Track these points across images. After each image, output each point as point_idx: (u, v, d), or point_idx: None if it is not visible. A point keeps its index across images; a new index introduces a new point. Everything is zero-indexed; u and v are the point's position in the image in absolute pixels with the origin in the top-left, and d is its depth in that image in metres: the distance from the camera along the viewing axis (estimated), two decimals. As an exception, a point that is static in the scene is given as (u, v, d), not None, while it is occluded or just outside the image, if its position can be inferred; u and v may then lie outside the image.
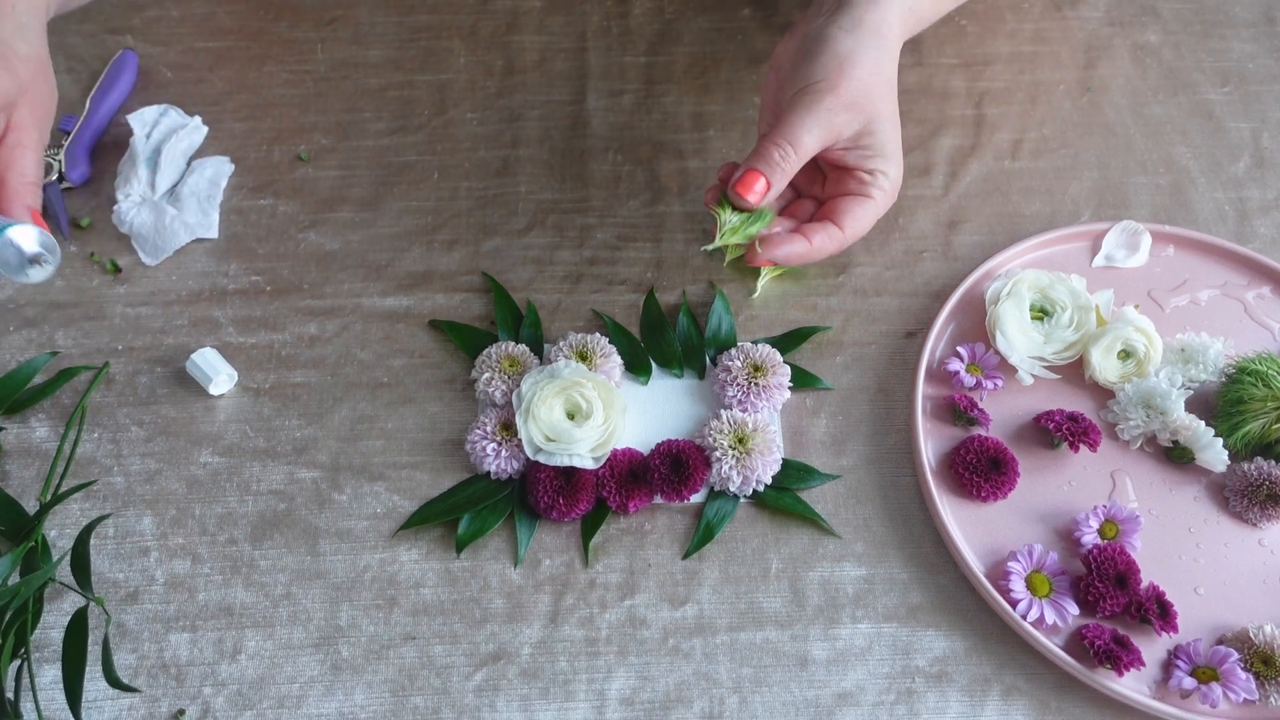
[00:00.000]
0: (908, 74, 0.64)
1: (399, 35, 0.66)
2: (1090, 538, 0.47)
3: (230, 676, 0.45)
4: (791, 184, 0.53)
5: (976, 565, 0.47)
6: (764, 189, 0.49)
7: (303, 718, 0.44)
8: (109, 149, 0.60)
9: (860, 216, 0.50)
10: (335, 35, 0.66)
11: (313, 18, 0.67)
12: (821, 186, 0.53)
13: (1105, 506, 0.48)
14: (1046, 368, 0.52)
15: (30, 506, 0.48)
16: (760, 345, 0.52)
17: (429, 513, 0.49)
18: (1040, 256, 0.56)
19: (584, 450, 0.48)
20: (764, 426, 0.49)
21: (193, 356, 0.52)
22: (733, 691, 0.45)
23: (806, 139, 0.48)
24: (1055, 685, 0.45)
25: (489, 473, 0.49)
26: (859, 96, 0.48)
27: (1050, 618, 0.45)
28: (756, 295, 0.56)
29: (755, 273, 0.56)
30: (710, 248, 0.49)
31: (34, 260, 0.45)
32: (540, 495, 0.48)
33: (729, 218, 0.49)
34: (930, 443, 0.50)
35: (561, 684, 0.45)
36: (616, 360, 0.52)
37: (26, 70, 0.47)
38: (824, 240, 0.50)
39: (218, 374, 0.51)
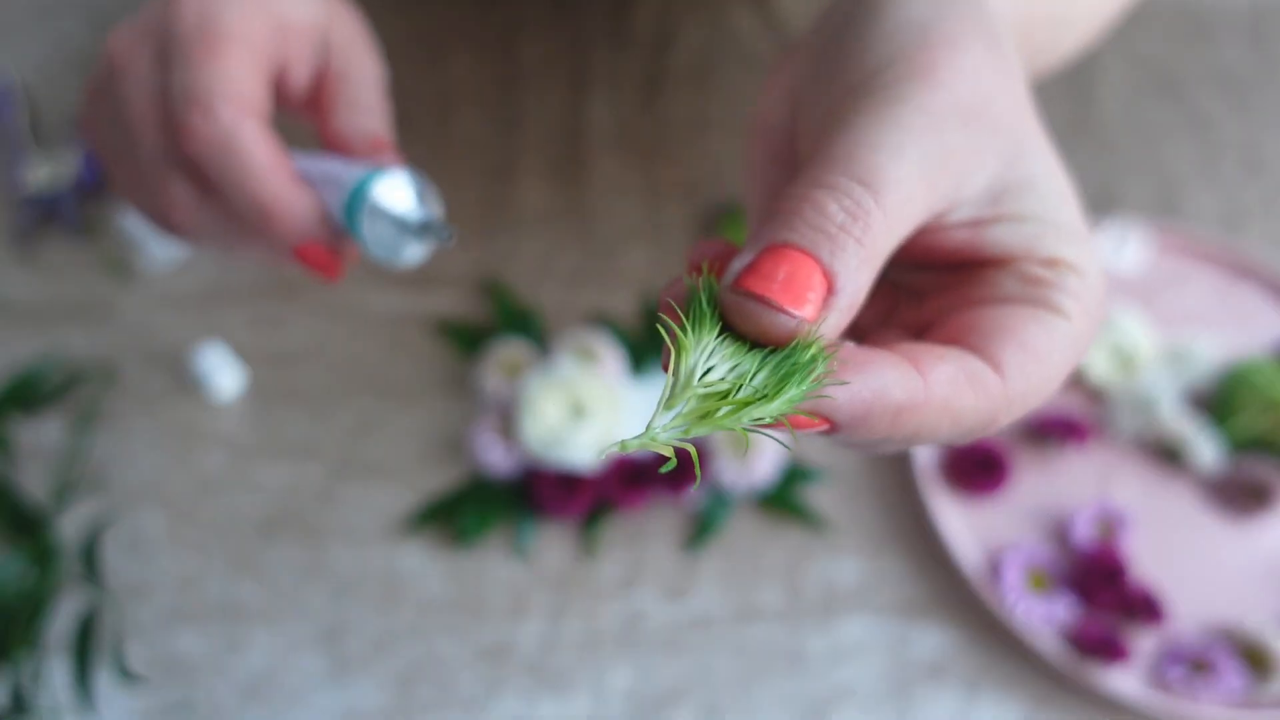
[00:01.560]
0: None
1: (400, 39, 0.67)
2: (1083, 535, 0.48)
3: (237, 671, 0.46)
4: None
5: (971, 561, 0.48)
6: (822, 294, 0.20)
7: (308, 711, 0.45)
8: (118, 153, 0.61)
9: (1039, 347, 0.23)
10: (340, 41, 0.67)
11: (318, 24, 0.67)
12: (914, 309, 0.25)
13: (1098, 504, 0.49)
14: (1040, 367, 0.53)
15: (42, 506, 0.49)
16: (758, 345, 0.53)
17: (433, 510, 0.50)
18: (1034, 258, 0.57)
19: (585, 448, 0.49)
20: (762, 425, 0.50)
21: (201, 357, 0.53)
22: (731, 684, 0.46)
23: (896, 173, 0.22)
24: (1049, 680, 0.46)
25: (491, 471, 0.50)
26: (984, 99, 0.23)
27: (1044, 613, 0.46)
28: (754, 296, 0.56)
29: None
30: (626, 448, 0.17)
31: (411, 226, 0.28)
32: (542, 493, 0.49)
33: (701, 360, 0.19)
34: (925, 441, 0.51)
35: (563, 677, 0.46)
36: (617, 359, 0.53)
37: None
38: (958, 386, 0.21)
39: (226, 374, 0.52)
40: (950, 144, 0.22)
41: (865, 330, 0.25)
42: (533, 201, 0.60)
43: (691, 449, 0.19)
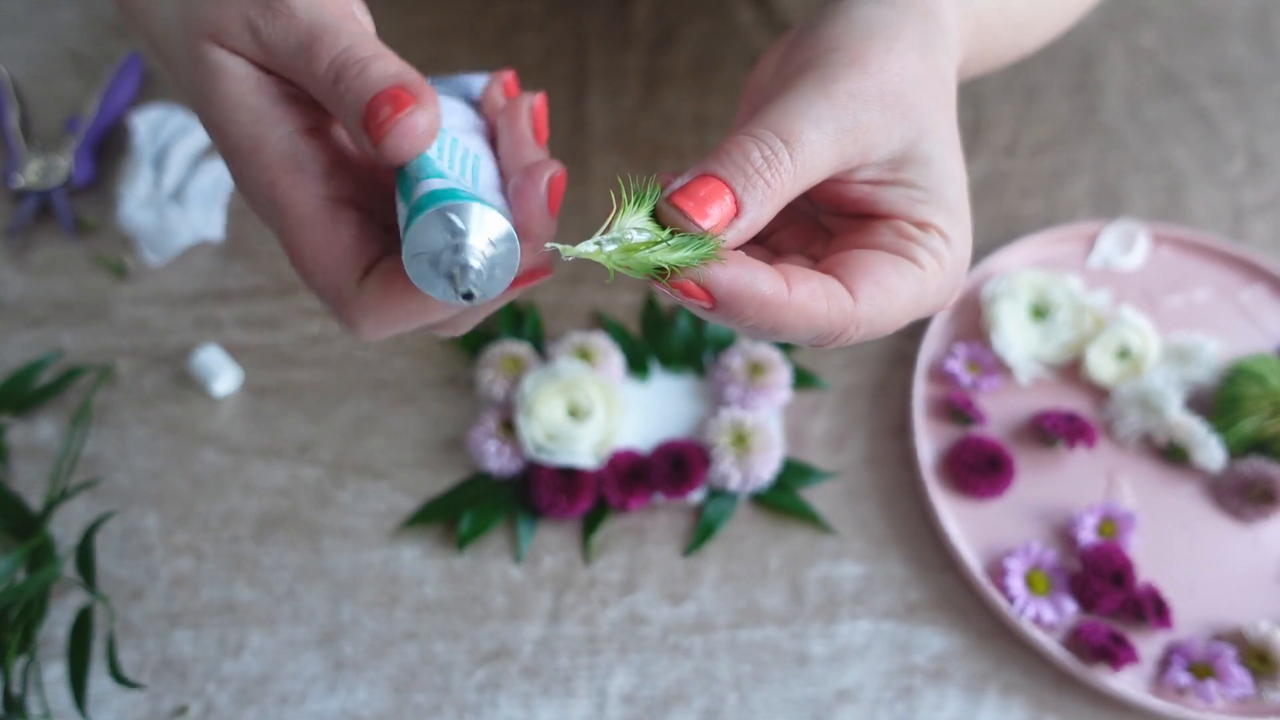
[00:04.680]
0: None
1: (400, 37, 0.66)
2: (1087, 536, 0.48)
3: (233, 673, 0.46)
4: (765, 238, 0.32)
5: (975, 563, 0.47)
6: (727, 212, 0.26)
7: (305, 715, 0.45)
8: (114, 150, 0.61)
9: (890, 284, 0.28)
10: (338, 38, 0.66)
11: (315, 20, 0.67)
12: (822, 247, 0.32)
13: (1102, 505, 0.48)
14: (1044, 367, 0.52)
15: (36, 505, 0.49)
16: (760, 344, 0.53)
17: (431, 511, 0.49)
18: (1037, 256, 0.57)
19: (585, 449, 0.48)
20: (764, 425, 0.50)
21: (197, 355, 0.52)
22: (732, 688, 0.46)
23: (812, 135, 0.27)
24: (1053, 682, 0.46)
25: (490, 471, 0.49)
26: (901, 88, 0.29)
27: (1048, 615, 0.46)
28: (756, 295, 0.56)
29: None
30: (569, 252, 0.25)
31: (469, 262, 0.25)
32: (541, 493, 0.48)
33: (631, 225, 0.26)
34: (928, 442, 0.51)
35: (562, 681, 0.46)
36: (617, 359, 0.52)
37: None
38: (815, 298, 0.27)
39: (222, 373, 0.52)
40: (864, 120, 0.28)
41: (784, 252, 0.31)
42: (532, 200, 0.60)
43: (613, 267, 0.26)
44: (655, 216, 0.27)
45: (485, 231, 0.25)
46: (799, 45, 0.30)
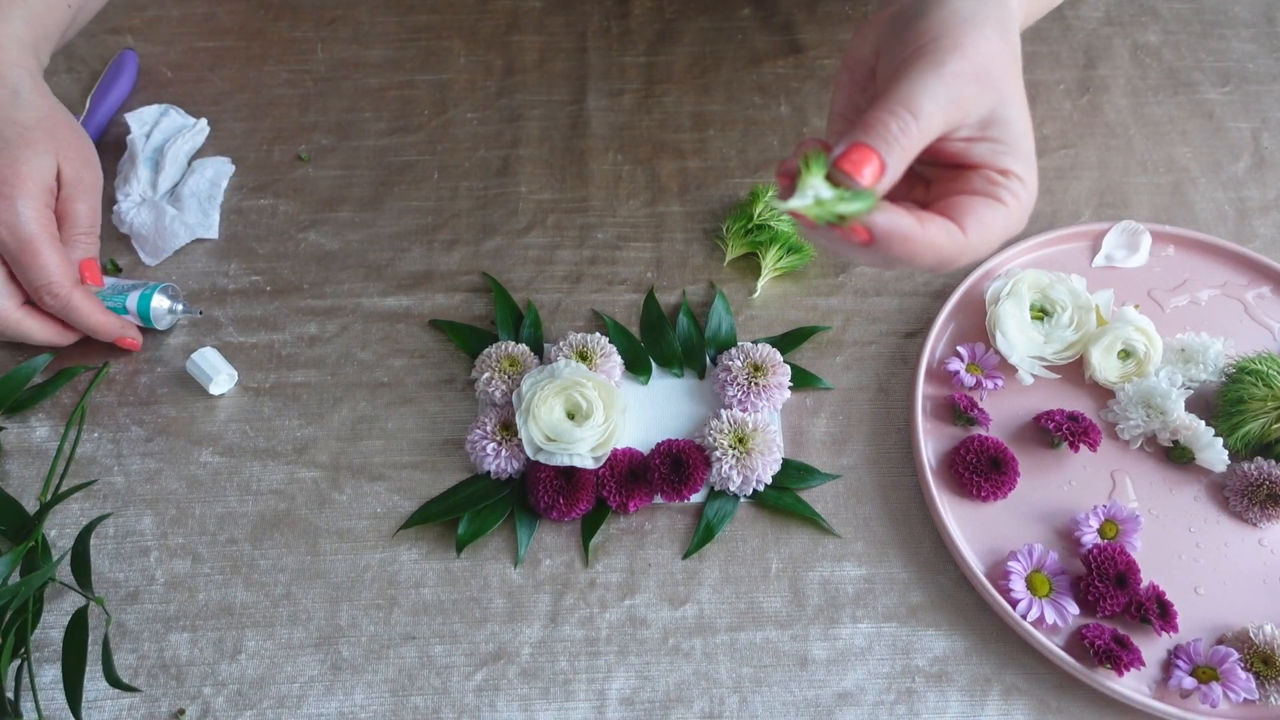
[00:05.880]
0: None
1: (399, 35, 0.66)
2: (1090, 537, 0.47)
3: (230, 676, 0.45)
4: None
5: (976, 565, 0.47)
6: (877, 171, 0.35)
7: (303, 717, 0.44)
8: (109, 149, 0.60)
9: (987, 221, 0.38)
10: (335, 35, 0.66)
11: (313, 17, 0.67)
12: (924, 190, 0.41)
13: (1105, 506, 0.48)
14: (1046, 367, 0.52)
15: (30, 506, 0.48)
16: (760, 345, 0.52)
17: (429, 512, 0.49)
18: (1040, 256, 0.56)
19: (584, 450, 0.48)
20: (764, 426, 0.49)
21: (193, 356, 0.52)
22: (733, 691, 0.45)
23: (930, 108, 0.36)
24: (1055, 685, 0.45)
25: (489, 472, 0.49)
26: (989, 66, 0.38)
27: (1050, 617, 0.45)
28: (757, 295, 0.56)
29: (756, 272, 0.56)
30: (786, 206, 0.35)
31: (172, 313, 0.53)
32: (540, 495, 0.48)
33: (816, 184, 0.35)
34: (930, 442, 0.50)
35: (561, 684, 0.45)
36: (616, 360, 0.52)
37: (44, 134, 0.49)
38: (940, 234, 0.37)
39: (218, 374, 0.51)
40: (964, 93, 0.37)
41: (895, 197, 0.39)
42: (532, 199, 0.59)
43: (810, 216, 0.35)
44: (828, 177, 0.36)
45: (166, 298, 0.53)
46: (908, 33, 0.39)
